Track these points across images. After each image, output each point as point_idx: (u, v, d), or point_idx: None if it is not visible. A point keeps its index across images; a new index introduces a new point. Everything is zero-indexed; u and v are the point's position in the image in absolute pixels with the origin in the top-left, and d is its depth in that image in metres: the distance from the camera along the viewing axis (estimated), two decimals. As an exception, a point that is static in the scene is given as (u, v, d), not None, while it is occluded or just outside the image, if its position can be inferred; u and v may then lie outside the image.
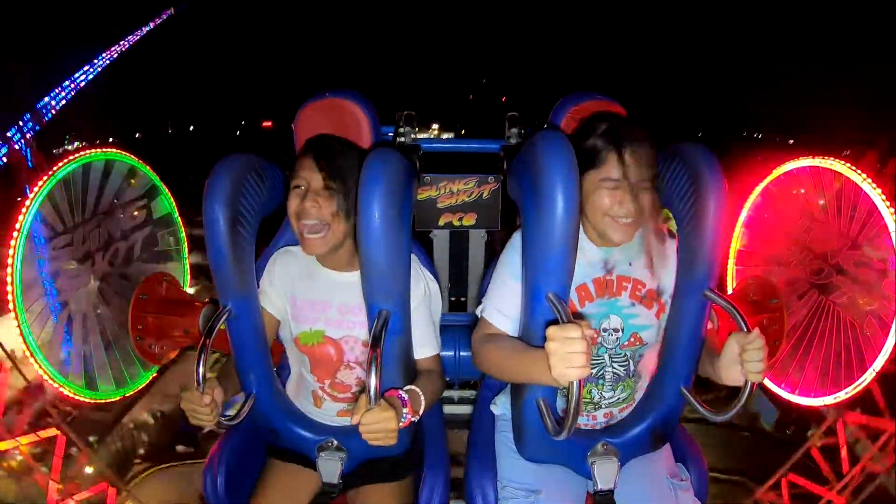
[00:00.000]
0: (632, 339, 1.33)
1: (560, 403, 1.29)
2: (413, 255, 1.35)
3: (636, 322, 1.33)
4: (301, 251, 1.40)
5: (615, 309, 1.32)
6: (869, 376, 1.81)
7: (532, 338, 1.18)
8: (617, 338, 1.32)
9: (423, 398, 1.26)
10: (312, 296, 1.40)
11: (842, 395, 1.84)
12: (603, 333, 1.32)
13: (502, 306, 1.29)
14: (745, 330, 1.18)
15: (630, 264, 1.33)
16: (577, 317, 1.09)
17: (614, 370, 1.35)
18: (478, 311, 1.36)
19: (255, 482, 1.45)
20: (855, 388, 1.82)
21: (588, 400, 1.36)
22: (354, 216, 1.26)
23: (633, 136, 1.24)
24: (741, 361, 1.15)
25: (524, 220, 1.21)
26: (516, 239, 1.30)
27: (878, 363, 1.74)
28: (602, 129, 1.25)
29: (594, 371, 1.32)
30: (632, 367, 1.36)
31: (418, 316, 1.35)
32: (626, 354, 1.35)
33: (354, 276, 1.30)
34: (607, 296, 1.32)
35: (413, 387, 1.26)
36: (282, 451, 1.45)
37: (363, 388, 1.14)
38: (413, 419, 1.22)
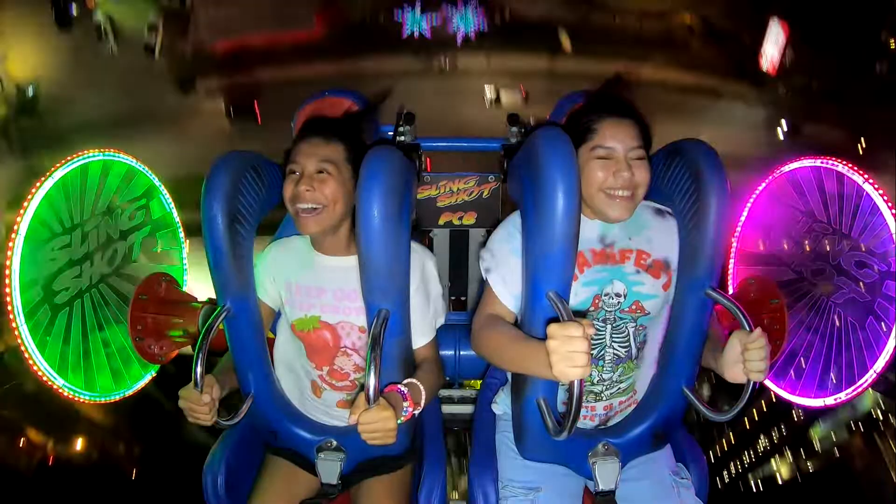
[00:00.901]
0: (633, 307, 1.31)
1: (561, 395, 1.28)
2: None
3: (641, 290, 1.31)
4: (297, 240, 1.40)
5: (619, 275, 1.30)
6: (869, 377, 1.80)
7: (532, 335, 1.17)
8: (619, 302, 1.30)
9: (423, 390, 1.25)
10: (308, 282, 1.39)
11: (842, 396, 1.83)
12: (604, 298, 1.30)
13: (508, 278, 1.28)
14: (748, 328, 1.18)
15: (630, 239, 1.32)
16: (579, 315, 1.08)
17: (615, 351, 1.33)
18: (481, 268, 1.35)
19: (254, 482, 1.45)
20: (855, 388, 1.82)
21: (589, 384, 1.34)
22: (351, 199, 1.28)
23: (619, 106, 1.26)
24: (743, 360, 1.15)
25: (524, 218, 1.21)
26: (517, 217, 1.29)
27: (879, 364, 1.74)
28: (589, 106, 1.29)
29: (594, 352, 1.31)
30: (633, 349, 1.33)
31: (415, 303, 1.34)
32: (627, 332, 1.32)
33: (351, 261, 1.29)
34: (610, 263, 1.30)
35: (412, 380, 1.25)
36: (280, 451, 1.45)
37: (362, 387, 1.13)
38: (414, 412, 1.22)
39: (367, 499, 1.42)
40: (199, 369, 1.20)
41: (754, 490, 8.15)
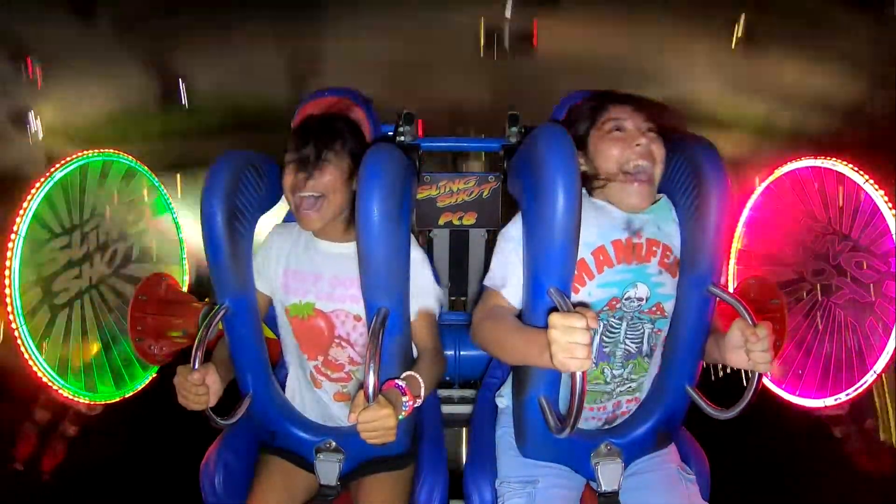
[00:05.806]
0: (654, 308, 1.28)
1: (563, 393, 1.27)
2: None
3: (663, 291, 1.27)
4: (295, 226, 1.41)
5: (644, 276, 1.26)
6: (870, 378, 1.81)
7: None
8: (639, 305, 1.27)
9: (422, 382, 1.23)
10: (304, 267, 1.39)
11: (843, 397, 1.83)
12: (625, 301, 1.26)
13: (507, 277, 1.26)
14: (751, 323, 1.16)
15: (659, 227, 1.28)
16: (581, 307, 1.07)
17: (626, 346, 1.30)
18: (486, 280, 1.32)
19: (252, 482, 1.44)
20: (856, 389, 1.82)
21: (602, 383, 1.32)
22: (350, 188, 1.30)
23: (626, 94, 1.27)
24: (747, 352, 1.14)
25: (524, 215, 1.20)
26: (520, 219, 1.26)
27: (879, 365, 1.74)
28: (592, 97, 1.30)
29: (606, 349, 1.29)
30: (645, 346, 1.31)
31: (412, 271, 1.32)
32: (642, 329, 1.29)
33: (349, 248, 1.28)
34: (635, 262, 1.25)
35: (410, 372, 1.24)
36: (278, 452, 1.44)
37: (360, 382, 1.13)
38: (414, 405, 1.20)
39: (366, 499, 1.41)
40: (197, 368, 1.20)
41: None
